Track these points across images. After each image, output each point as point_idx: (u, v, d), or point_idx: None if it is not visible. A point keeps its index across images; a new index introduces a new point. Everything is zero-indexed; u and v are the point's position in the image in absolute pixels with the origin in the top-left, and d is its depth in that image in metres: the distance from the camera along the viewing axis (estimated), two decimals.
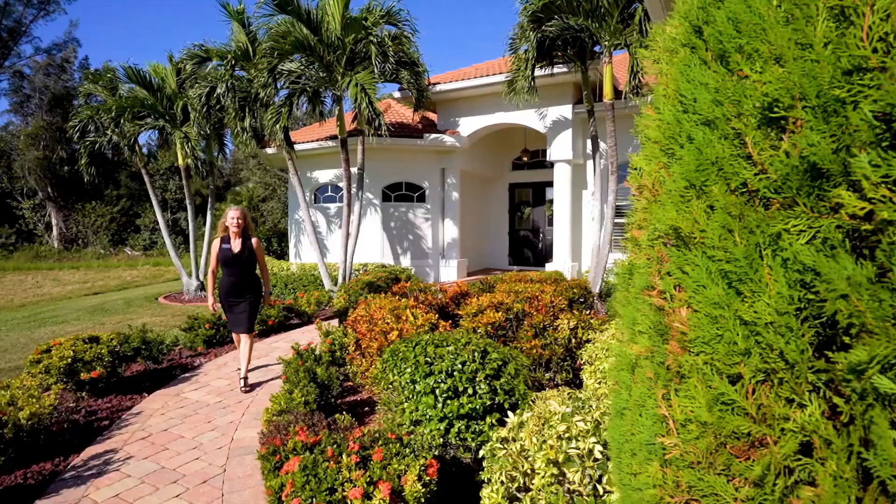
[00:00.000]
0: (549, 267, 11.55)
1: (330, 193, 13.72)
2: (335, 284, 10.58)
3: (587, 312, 5.67)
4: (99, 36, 68.85)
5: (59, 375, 4.60)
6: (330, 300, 9.49)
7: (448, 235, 13.18)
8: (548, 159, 11.83)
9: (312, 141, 12.84)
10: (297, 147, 11.96)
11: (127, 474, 3.46)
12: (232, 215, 5.06)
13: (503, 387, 3.21)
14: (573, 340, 5.10)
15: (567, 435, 2.09)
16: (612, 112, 8.59)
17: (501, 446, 2.26)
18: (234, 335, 5.45)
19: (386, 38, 8.64)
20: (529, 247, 15.40)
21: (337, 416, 2.95)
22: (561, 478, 2.00)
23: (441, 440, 2.99)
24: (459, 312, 5.78)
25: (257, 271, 5.42)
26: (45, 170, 29.31)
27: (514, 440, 2.27)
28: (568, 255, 11.62)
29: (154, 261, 26.20)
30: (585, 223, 12.13)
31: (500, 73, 11.05)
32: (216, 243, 5.11)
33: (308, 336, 7.46)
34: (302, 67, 9.37)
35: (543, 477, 2.00)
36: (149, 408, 4.74)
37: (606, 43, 8.16)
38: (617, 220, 9.77)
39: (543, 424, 2.20)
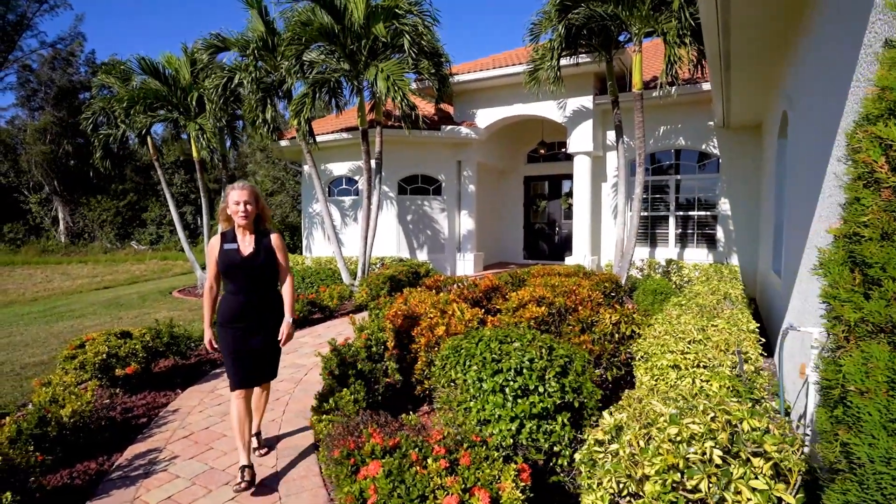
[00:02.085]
0: (568, 260, 11.40)
1: (344, 186, 13.57)
2: (354, 278, 10.45)
3: (629, 307, 5.53)
4: (105, 29, 68.49)
5: (94, 371, 4.48)
6: (351, 294, 9.36)
7: (464, 229, 13.03)
8: (568, 151, 11.64)
9: (329, 133, 12.66)
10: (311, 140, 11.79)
11: (175, 475, 3.34)
12: (236, 198, 3.19)
13: (571, 385, 3.07)
14: (615, 336, 4.97)
15: (679, 438, 1.95)
16: (641, 102, 8.40)
17: (600, 450, 2.12)
18: (237, 397, 3.23)
19: (419, 26, 8.44)
20: (545, 240, 15.24)
21: (403, 416, 2.81)
22: (676, 484, 1.86)
23: (511, 441, 2.86)
24: (498, 306, 5.64)
25: (279, 286, 3.52)
26: (51, 164, 29.19)
27: (612, 443, 2.13)
28: (588, 248, 11.46)
29: (161, 255, 26.11)
30: (605, 216, 11.97)
31: (521, 64, 10.85)
32: (214, 242, 3.31)
33: (333, 330, 7.33)
34: (322, 57, 9.19)
35: (657, 484, 1.86)
36: (185, 405, 4.61)
37: (636, 30, 7.96)
38: (642, 214, 9.62)
39: (648, 427, 2.05)
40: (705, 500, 1.76)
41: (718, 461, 1.84)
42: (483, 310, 4.88)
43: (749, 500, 1.72)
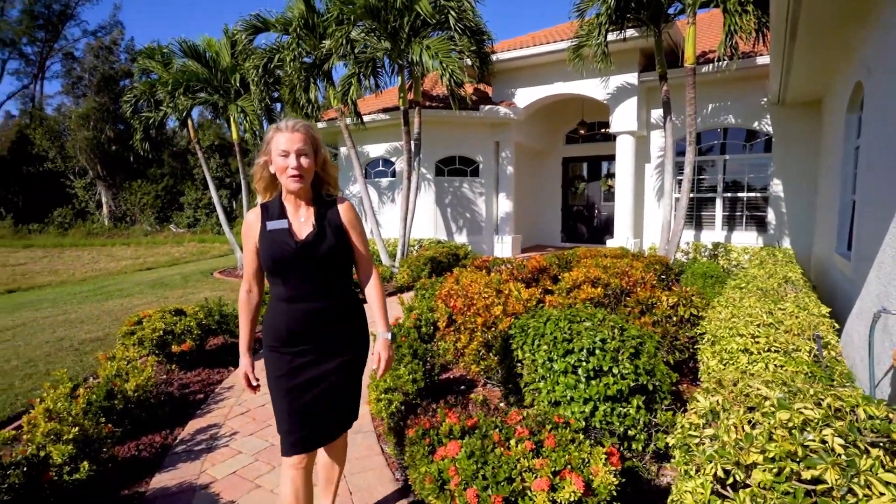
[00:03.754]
0: (609, 243, 11.11)
1: (381, 168, 13.52)
2: (393, 260, 10.43)
3: (686, 290, 5.32)
4: (141, 18, 70.05)
5: (152, 348, 4.55)
6: (392, 275, 9.34)
7: (502, 211, 12.84)
8: (610, 130, 11.27)
9: (367, 114, 12.58)
10: (350, 121, 11.73)
11: (238, 450, 3.35)
12: (285, 145, 1.92)
13: (644, 366, 2.93)
14: (674, 318, 4.79)
15: (790, 424, 1.80)
16: (694, 78, 8.02)
17: (695, 434, 1.99)
18: (291, 467, 2.03)
19: (464, 2, 8.19)
20: (584, 223, 14.92)
21: (471, 395, 2.72)
22: (791, 475, 1.71)
23: (583, 423, 2.74)
24: (548, 287, 5.50)
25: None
26: (94, 149, 30.11)
27: (706, 427, 1.99)
28: (630, 231, 11.14)
29: (199, 237, 26.75)
30: (647, 198, 11.59)
31: (564, 40, 10.51)
32: (251, 219, 2.07)
33: None
34: (363, 36, 9.06)
35: (768, 472, 1.72)
36: (240, 382, 4.63)
37: (691, 0, 7.55)
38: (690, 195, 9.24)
39: (751, 411, 1.91)
40: (829, 493, 1.62)
41: (840, 450, 1.69)
42: (538, 290, 4.74)
43: (882, 494, 1.57)
